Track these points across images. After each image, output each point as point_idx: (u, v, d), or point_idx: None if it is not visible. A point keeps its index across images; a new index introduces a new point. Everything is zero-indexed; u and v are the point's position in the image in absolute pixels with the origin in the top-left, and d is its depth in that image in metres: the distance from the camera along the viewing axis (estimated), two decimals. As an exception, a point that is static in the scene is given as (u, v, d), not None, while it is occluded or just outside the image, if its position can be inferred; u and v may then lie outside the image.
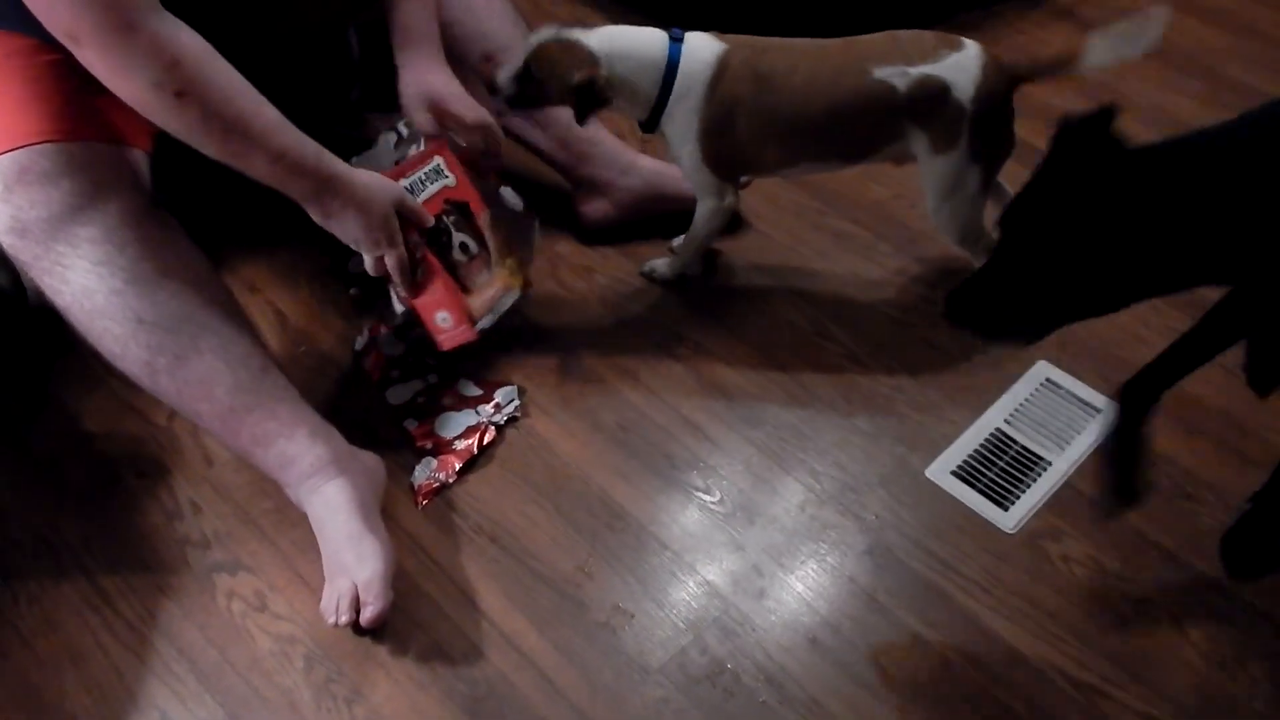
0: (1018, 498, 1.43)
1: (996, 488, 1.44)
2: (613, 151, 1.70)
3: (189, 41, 1.12)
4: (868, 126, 1.45)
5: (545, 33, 1.44)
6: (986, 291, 1.08)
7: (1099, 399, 1.53)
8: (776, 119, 1.46)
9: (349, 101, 1.93)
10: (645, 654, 1.28)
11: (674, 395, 1.55)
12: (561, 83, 1.43)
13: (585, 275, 1.71)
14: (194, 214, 1.36)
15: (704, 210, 1.58)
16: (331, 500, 1.32)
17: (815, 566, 1.37)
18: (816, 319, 1.64)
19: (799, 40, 1.48)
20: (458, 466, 1.45)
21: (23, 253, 1.20)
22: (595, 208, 1.72)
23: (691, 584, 1.35)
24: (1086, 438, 1.49)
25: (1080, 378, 1.56)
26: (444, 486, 1.44)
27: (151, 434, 1.50)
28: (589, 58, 1.42)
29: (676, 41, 1.45)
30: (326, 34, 1.71)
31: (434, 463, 1.45)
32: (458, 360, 1.57)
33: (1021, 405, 1.54)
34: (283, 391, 1.34)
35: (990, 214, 1.49)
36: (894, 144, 1.48)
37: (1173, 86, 1.99)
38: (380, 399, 1.54)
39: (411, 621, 1.31)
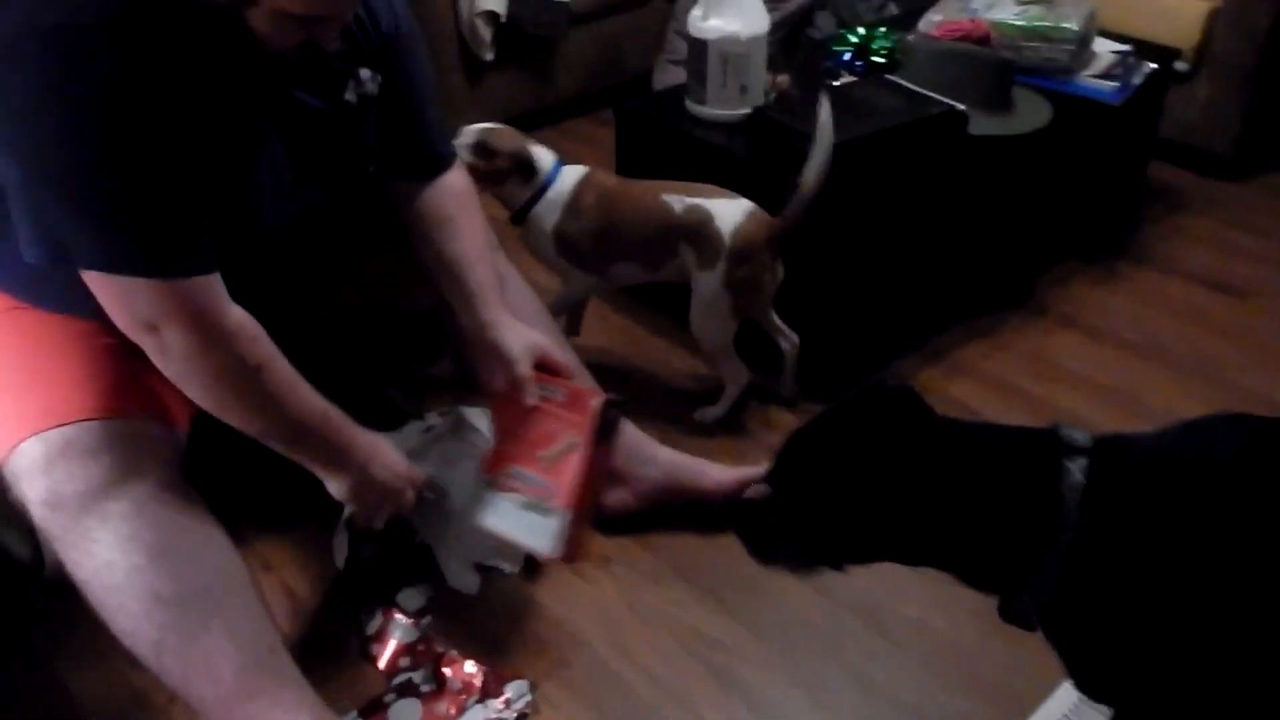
0: (1056, 820, 1.34)
1: (1034, 807, 1.36)
2: (633, 442, 1.73)
3: (255, 320, 1.23)
4: (655, 239, 1.86)
5: (490, 126, 1.91)
6: (763, 509, 1.07)
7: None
8: (601, 226, 1.89)
9: (396, 378, 2.00)
10: None
11: (691, 696, 1.49)
12: (509, 157, 1.88)
13: (603, 565, 1.69)
14: (217, 488, 1.37)
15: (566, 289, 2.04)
16: None
17: None
18: (838, 617, 1.60)
19: (630, 182, 1.94)
20: (463, 764, 1.38)
21: (53, 525, 1.21)
22: (614, 497, 1.73)
23: None
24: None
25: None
26: (447, 785, 1.36)
27: (147, 716, 1.44)
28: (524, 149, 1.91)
29: (559, 164, 1.93)
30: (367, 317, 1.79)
31: (439, 759, 1.39)
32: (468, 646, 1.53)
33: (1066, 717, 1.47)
34: (289, 674, 1.31)
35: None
36: (674, 259, 1.86)
37: (1184, 392, 2.05)
38: (387, 685, 1.49)
39: None
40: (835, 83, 2.13)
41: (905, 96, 2.04)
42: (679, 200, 1.83)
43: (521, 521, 1.45)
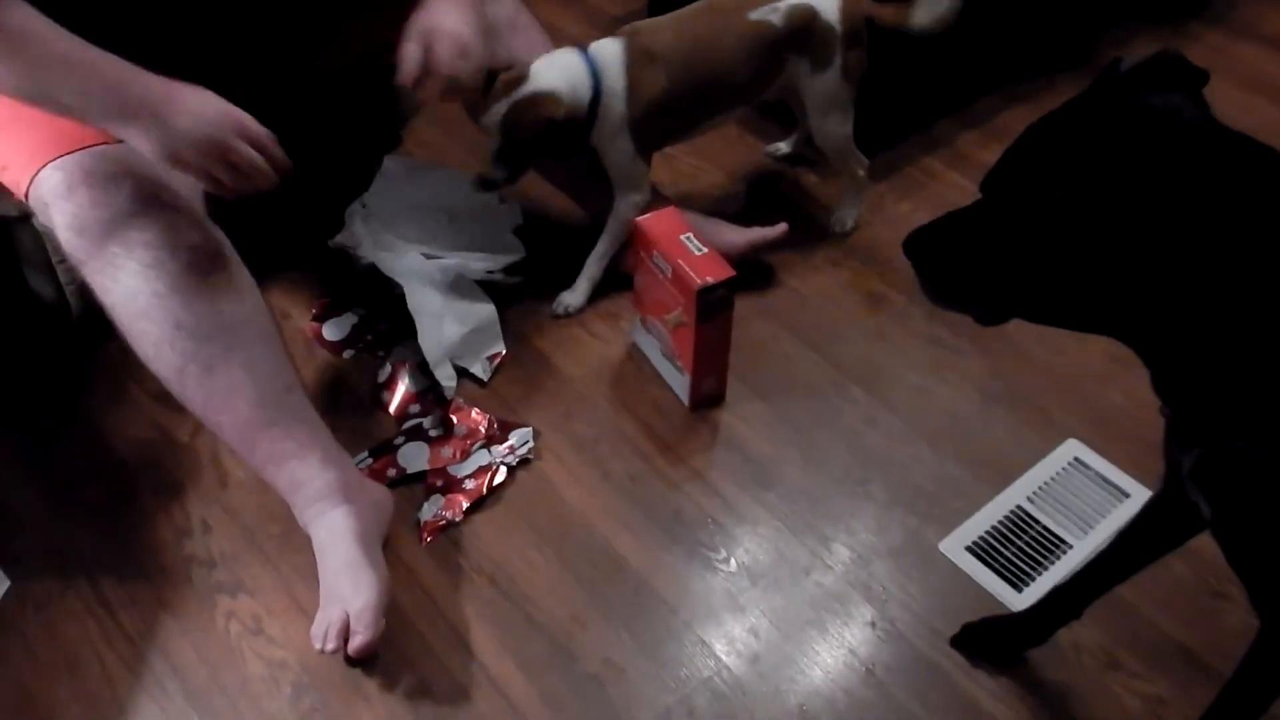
0: (1033, 580, 1.38)
1: (1012, 568, 1.40)
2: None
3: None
4: (758, 64, 1.60)
5: (499, 105, 1.52)
6: (955, 241, 0.86)
7: (1130, 483, 1.48)
8: (685, 88, 1.57)
9: (399, 140, 1.98)
10: (631, 710, 1.26)
11: (688, 449, 1.54)
12: (538, 132, 1.52)
13: (611, 321, 1.71)
14: (241, 234, 1.37)
15: (628, 204, 1.64)
16: (335, 527, 1.32)
17: (815, 634, 1.33)
18: (839, 381, 1.61)
19: (670, 16, 1.62)
20: (465, 506, 1.45)
21: (79, 250, 1.24)
22: (627, 254, 1.72)
23: (686, 642, 1.33)
24: (1113, 522, 1.44)
25: (1111, 459, 1.51)
26: (450, 524, 1.44)
27: (171, 451, 1.53)
28: (553, 98, 1.51)
29: (585, 51, 1.55)
30: (369, 72, 1.75)
31: (442, 500, 1.46)
32: (476, 395, 1.58)
33: (1046, 484, 1.49)
34: (303, 413, 1.36)
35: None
36: (779, 77, 1.64)
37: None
38: (396, 429, 1.55)
39: (401, 658, 1.30)
40: None
41: None
42: (772, 10, 1.58)
43: (664, 366, 1.61)
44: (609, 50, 1.56)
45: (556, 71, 1.53)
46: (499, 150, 1.55)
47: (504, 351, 1.65)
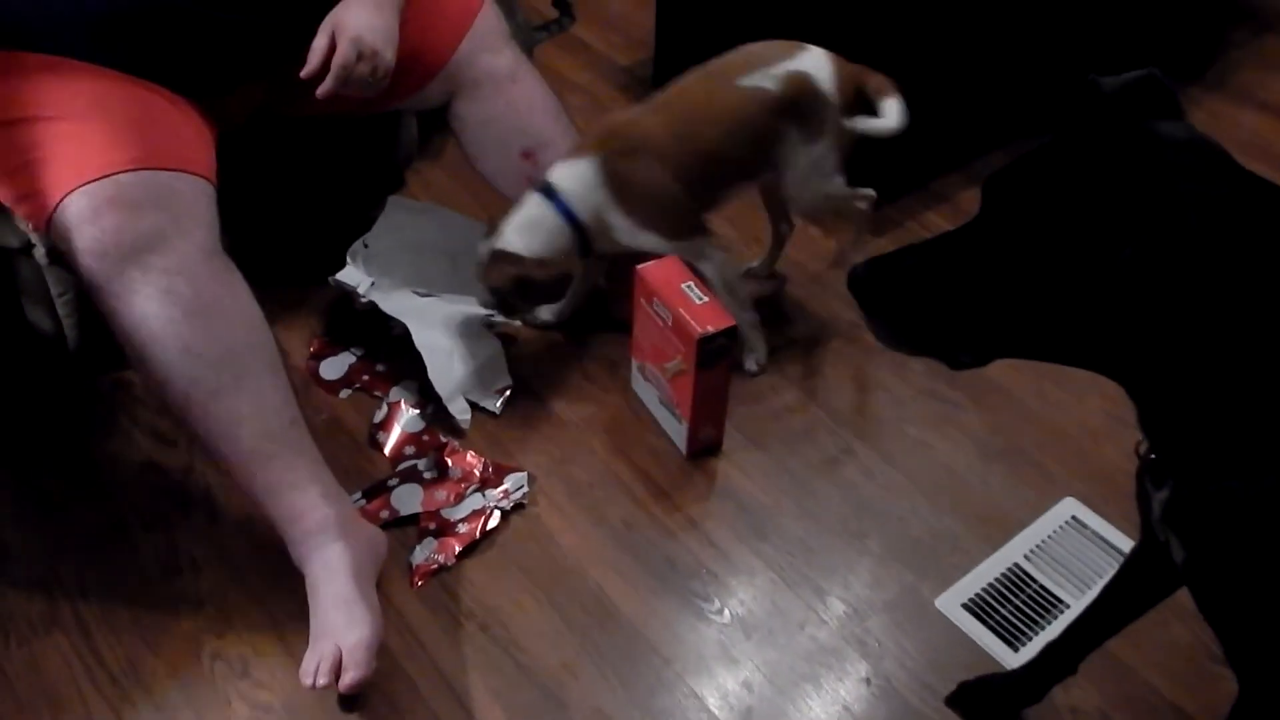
0: (1030, 639, 1.36)
1: (1009, 627, 1.38)
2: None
3: None
4: (756, 134, 1.53)
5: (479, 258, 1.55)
6: (936, 279, 0.79)
7: (1127, 543, 1.47)
8: (686, 168, 1.51)
9: (403, 181, 1.99)
10: (620, 763, 1.24)
11: (684, 498, 1.53)
12: (507, 286, 1.54)
13: (609, 367, 1.71)
14: (245, 270, 1.37)
15: (709, 269, 1.60)
16: (331, 562, 1.31)
17: (809, 689, 1.32)
18: (837, 432, 1.61)
19: (656, 100, 1.57)
20: (458, 550, 1.44)
21: (97, 274, 1.25)
22: (622, 302, 1.72)
23: (678, 694, 1.31)
24: (1109, 582, 1.42)
25: (1109, 517, 1.50)
26: (442, 569, 1.42)
27: (163, 487, 1.52)
28: (511, 257, 1.51)
29: (549, 193, 1.51)
30: (367, 120, 1.76)
31: (434, 544, 1.44)
32: (473, 438, 1.57)
33: (1044, 542, 1.48)
34: (306, 447, 1.36)
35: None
36: (777, 146, 1.56)
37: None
38: (391, 470, 1.54)
39: (388, 702, 1.28)
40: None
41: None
42: (765, 76, 1.51)
43: (662, 414, 1.61)
44: (575, 178, 1.51)
45: (518, 230, 1.52)
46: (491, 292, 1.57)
47: (511, 385, 1.65)
